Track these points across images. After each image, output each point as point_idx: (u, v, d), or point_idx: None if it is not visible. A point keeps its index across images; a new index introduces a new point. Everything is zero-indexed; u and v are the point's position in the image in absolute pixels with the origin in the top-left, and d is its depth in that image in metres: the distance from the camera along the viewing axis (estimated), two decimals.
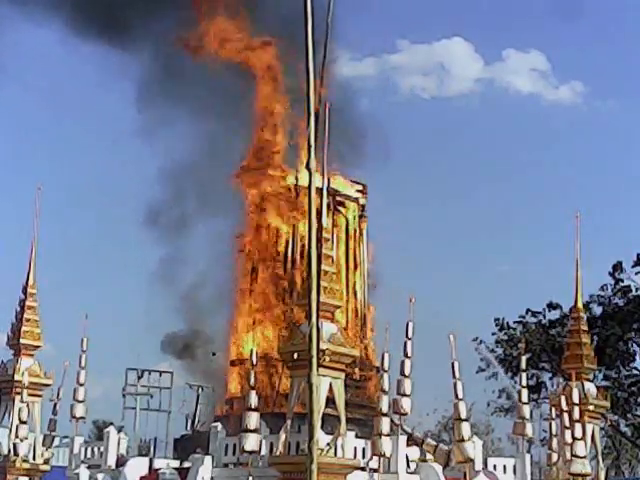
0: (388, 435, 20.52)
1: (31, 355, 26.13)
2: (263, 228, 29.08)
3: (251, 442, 20.36)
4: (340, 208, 29.39)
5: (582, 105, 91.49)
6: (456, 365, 21.61)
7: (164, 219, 30.01)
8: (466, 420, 21.67)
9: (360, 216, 30.05)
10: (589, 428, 24.37)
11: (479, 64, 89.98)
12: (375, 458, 20.86)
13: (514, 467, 23.75)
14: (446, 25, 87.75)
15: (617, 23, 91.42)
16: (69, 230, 66.55)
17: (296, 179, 28.49)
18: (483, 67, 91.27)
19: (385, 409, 20.71)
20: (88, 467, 24.27)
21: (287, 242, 28.72)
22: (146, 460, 24.39)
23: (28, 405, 24.66)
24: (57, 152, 79.44)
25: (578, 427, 22.87)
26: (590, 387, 25.06)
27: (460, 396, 21.56)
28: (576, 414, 23.16)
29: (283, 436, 19.79)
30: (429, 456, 23.92)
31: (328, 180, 23.18)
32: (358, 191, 30.04)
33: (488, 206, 79.84)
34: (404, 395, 21.38)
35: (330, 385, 19.30)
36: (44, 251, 27.73)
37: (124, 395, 34.65)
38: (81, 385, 25.00)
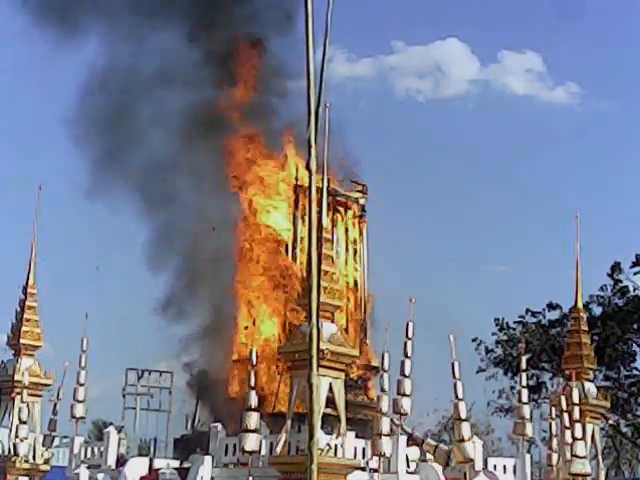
0: (388, 435, 20.53)
1: (31, 355, 26.14)
2: (263, 227, 29.04)
3: (251, 442, 20.36)
4: (340, 208, 29.38)
5: (578, 106, 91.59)
6: (456, 365, 21.60)
7: None
8: (466, 420, 21.67)
9: (360, 216, 30.03)
10: (589, 428, 24.37)
11: (475, 65, 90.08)
12: (375, 458, 20.86)
13: (514, 467, 23.75)
14: (441, 26, 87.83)
15: (612, 24, 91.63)
16: (69, 230, 66.38)
17: (296, 179, 28.46)
18: (479, 68, 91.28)
19: (385, 409, 20.72)
20: (88, 467, 24.26)
21: (288, 241, 28.68)
22: (146, 460, 24.41)
23: (28, 405, 24.65)
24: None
25: (578, 427, 22.86)
26: (590, 387, 25.04)
27: (460, 396, 21.56)
28: (576, 414, 23.15)
29: (283, 436, 19.79)
30: (429, 456, 23.93)
31: (328, 180, 23.16)
32: (358, 191, 30.01)
33: (487, 206, 79.90)
34: (404, 395, 21.38)
35: (330, 385, 19.30)
36: (44, 251, 27.75)
37: (124, 395, 34.66)
38: (81, 385, 24.98)
